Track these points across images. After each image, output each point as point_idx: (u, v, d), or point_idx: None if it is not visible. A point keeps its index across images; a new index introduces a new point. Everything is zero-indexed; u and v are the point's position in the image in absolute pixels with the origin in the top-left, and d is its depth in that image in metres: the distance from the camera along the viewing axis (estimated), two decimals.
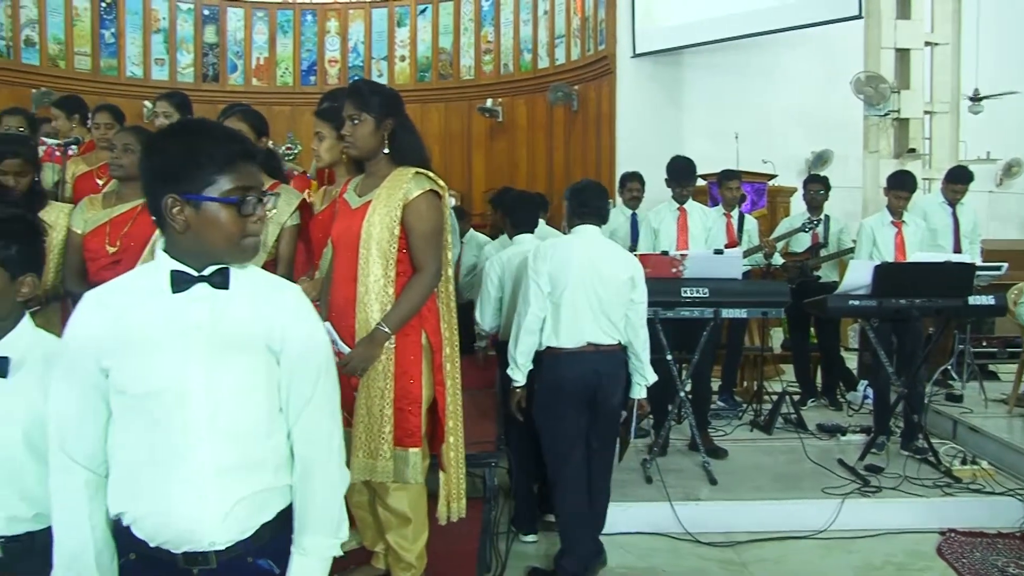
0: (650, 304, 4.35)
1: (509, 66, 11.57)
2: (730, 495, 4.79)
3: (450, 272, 3.30)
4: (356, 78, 11.55)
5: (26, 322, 2.06)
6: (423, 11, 11.88)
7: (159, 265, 1.79)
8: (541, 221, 4.91)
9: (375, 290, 3.07)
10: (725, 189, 6.48)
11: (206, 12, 11.67)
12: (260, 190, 1.79)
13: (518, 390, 3.89)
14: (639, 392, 3.98)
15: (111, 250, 3.54)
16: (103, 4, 11.10)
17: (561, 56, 11.06)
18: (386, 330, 3.03)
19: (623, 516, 4.56)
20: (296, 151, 9.87)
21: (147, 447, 1.75)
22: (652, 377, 4.02)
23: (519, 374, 3.86)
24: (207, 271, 1.77)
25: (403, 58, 11.95)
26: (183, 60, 11.55)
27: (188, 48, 11.56)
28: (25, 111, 5.63)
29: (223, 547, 1.76)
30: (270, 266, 3.55)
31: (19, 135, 4.48)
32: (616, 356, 3.91)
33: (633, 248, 6.28)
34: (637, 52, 9.95)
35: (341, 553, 1.92)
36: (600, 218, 4.00)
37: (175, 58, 11.50)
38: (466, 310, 4.43)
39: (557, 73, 11.06)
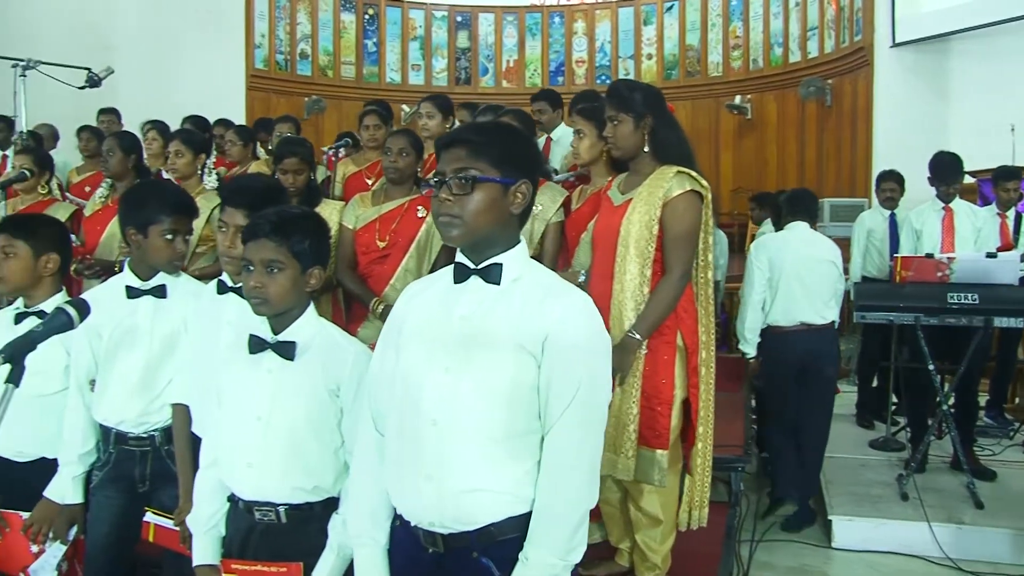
0: (912, 309, 4.55)
1: (758, 61, 11.23)
2: (998, 522, 4.39)
3: (710, 275, 3.24)
4: (603, 78, 11.71)
5: (311, 311, 2.25)
6: (670, 8, 11.79)
7: (460, 257, 1.91)
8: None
9: (630, 288, 3.08)
10: (1001, 189, 5.95)
11: (459, 19, 12.18)
12: (451, 174, 1.79)
13: (752, 361, 4.68)
14: None
15: (381, 244, 3.78)
16: (366, 16, 11.87)
17: (814, 49, 10.60)
18: (637, 337, 3.03)
19: (875, 533, 4.33)
20: None
21: (396, 420, 1.89)
22: None
23: (750, 347, 4.65)
24: (482, 265, 1.85)
25: (650, 56, 11.91)
26: (438, 65, 12.13)
27: (442, 53, 12.13)
28: (294, 118, 6.15)
29: (445, 532, 1.82)
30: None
31: (298, 137, 4.89)
32: (826, 334, 4.64)
33: (894, 250, 5.92)
34: (897, 41, 9.35)
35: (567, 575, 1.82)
36: (810, 217, 4.75)
37: (430, 63, 12.10)
38: None
39: (809, 67, 10.61)
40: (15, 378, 1.70)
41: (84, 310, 1.92)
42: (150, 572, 3.01)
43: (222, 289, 2.62)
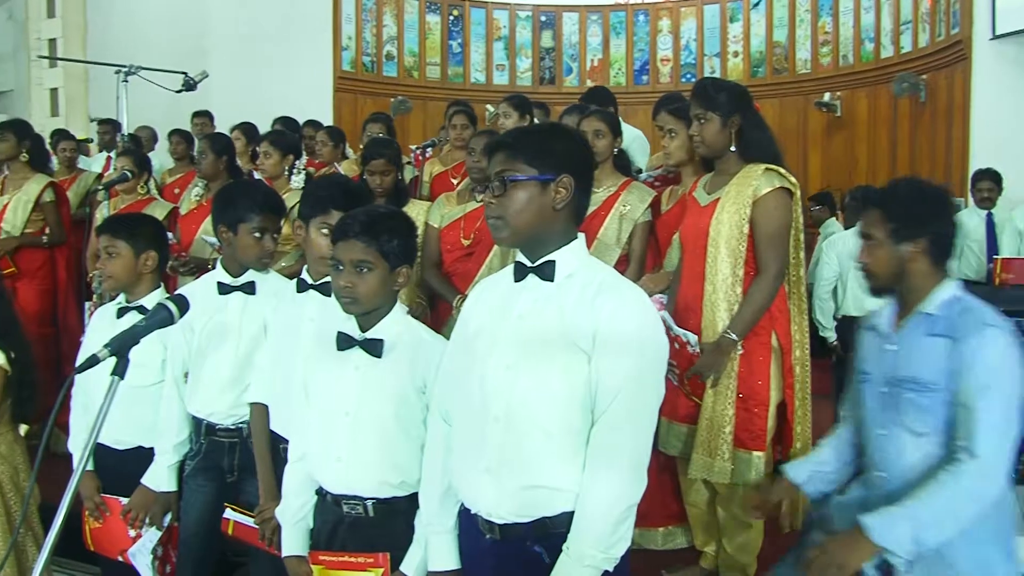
0: (1013, 313, 4.36)
1: (849, 57, 10.94)
2: None
3: (802, 273, 3.20)
4: (689, 76, 11.58)
5: (398, 308, 2.28)
6: (756, 4, 11.57)
7: (519, 255, 1.95)
8: None
9: (723, 289, 3.05)
10: None
11: (543, 18, 12.17)
12: (493, 178, 1.90)
13: (834, 343, 5.29)
14: None
15: (465, 243, 3.82)
16: (451, 17, 11.96)
17: (907, 44, 10.26)
18: (733, 337, 3.00)
19: None
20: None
21: (462, 414, 1.97)
22: None
23: (829, 332, 5.31)
24: (537, 263, 1.90)
25: (736, 54, 11.71)
26: (522, 65, 12.15)
27: (526, 53, 12.15)
28: (386, 117, 6.23)
29: (502, 522, 1.88)
30: (623, 261, 3.64)
31: (385, 138, 4.96)
32: None
33: (992, 251, 5.70)
34: (998, 33, 8.96)
35: (609, 568, 1.83)
36: None
37: (515, 63, 12.13)
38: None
39: (903, 62, 10.26)
40: (120, 370, 1.77)
41: (183, 306, 1.99)
42: (239, 558, 3.10)
43: (302, 287, 2.65)
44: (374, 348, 2.20)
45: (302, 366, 2.41)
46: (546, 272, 1.88)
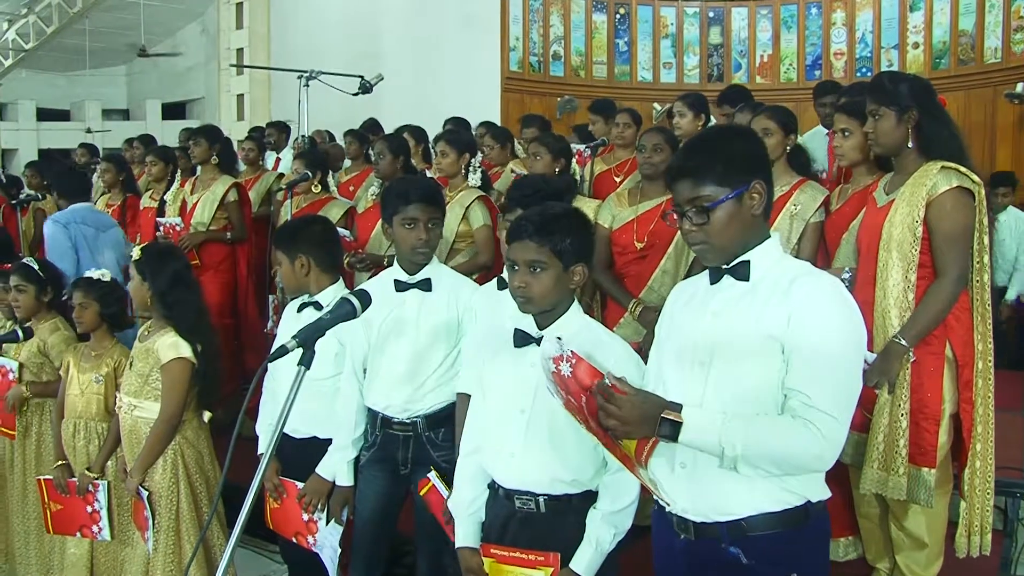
0: None
1: None
2: None
3: (986, 279, 2.97)
4: (864, 70, 11.07)
5: (575, 308, 2.28)
6: None
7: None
8: None
9: (894, 295, 2.90)
10: None
11: (711, 14, 11.94)
12: (686, 206, 1.92)
13: None
14: None
15: (639, 245, 3.77)
16: (618, 15, 11.91)
17: None
18: (903, 343, 2.85)
19: None
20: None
21: None
22: None
23: None
24: (732, 263, 1.92)
25: (916, 45, 11.10)
26: (689, 62, 11.96)
27: (694, 50, 11.95)
28: (541, 117, 6.28)
29: (697, 520, 1.89)
30: None
31: (554, 134, 5.00)
32: None
33: None
34: None
35: (731, 464, 1.77)
36: None
37: (682, 61, 11.95)
38: None
39: None
40: (306, 361, 1.84)
41: (366, 300, 2.04)
42: (404, 550, 3.19)
43: (501, 284, 2.69)
44: None
45: (478, 361, 2.47)
46: (740, 272, 1.90)
